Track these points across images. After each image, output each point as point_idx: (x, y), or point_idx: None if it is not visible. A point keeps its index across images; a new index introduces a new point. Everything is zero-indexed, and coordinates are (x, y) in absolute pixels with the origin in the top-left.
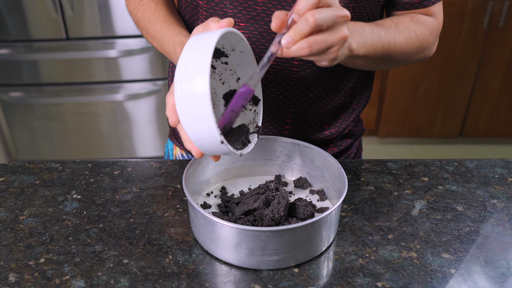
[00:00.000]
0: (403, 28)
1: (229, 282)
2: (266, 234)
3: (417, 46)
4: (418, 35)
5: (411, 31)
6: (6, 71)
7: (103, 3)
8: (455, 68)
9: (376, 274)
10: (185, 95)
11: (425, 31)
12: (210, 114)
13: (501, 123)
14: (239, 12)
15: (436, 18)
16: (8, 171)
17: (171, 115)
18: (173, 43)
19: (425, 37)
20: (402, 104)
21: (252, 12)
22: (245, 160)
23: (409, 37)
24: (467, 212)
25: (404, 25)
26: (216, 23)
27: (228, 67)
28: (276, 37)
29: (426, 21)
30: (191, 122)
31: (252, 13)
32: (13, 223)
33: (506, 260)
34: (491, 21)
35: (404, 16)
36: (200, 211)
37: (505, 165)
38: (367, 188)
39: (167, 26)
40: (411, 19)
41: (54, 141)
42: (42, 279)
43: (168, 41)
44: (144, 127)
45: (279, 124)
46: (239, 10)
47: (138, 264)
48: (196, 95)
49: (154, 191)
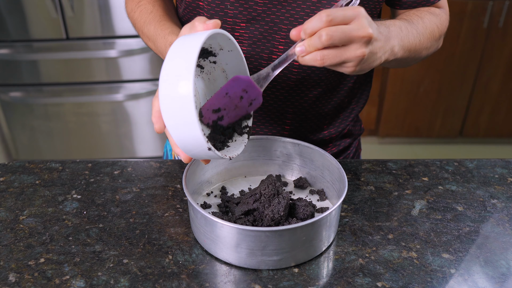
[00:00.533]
0: (428, 22)
1: (229, 282)
2: (266, 234)
3: (437, 39)
4: (439, 27)
5: (433, 24)
6: (6, 71)
7: (103, 3)
8: (455, 68)
9: (376, 274)
10: (169, 99)
11: (442, 22)
12: (195, 121)
13: (501, 123)
14: (239, 13)
15: (444, 9)
16: (8, 171)
17: (156, 121)
18: (165, 42)
19: (442, 28)
20: (402, 104)
21: (253, 13)
22: (245, 160)
23: (432, 31)
24: (467, 212)
25: (428, 18)
26: (202, 24)
27: (217, 66)
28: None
29: (440, 13)
30: (176, 128)
31: (253, 13)
32: (13, 223)
33: (506, 260)
34: (491, 21)
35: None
36: (200, 211)
37: (505, 165)
38: (367, 188)
39: (160, 26)
40: (429, 13)
41: (54, 141)
42: (42, 279)
43: (161, 41)
44: (144, 127)
45: (279, 124)
46: (240, 11)
47: (138, 264)
48: (180, 100)
49: (154, 191)
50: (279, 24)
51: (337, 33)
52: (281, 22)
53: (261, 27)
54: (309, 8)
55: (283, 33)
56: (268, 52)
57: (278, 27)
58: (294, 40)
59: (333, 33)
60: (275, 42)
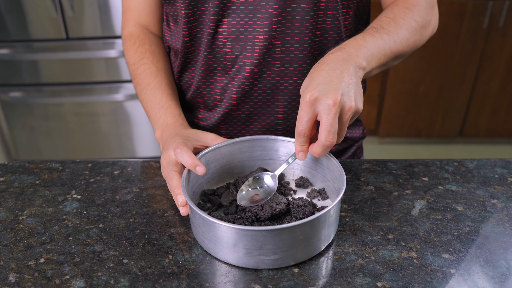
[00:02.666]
0: (401, 19)
1: (229, 282)
2: (263, 233)
3: (420, 31)
4: (417, 20)
5: (410, 19)
6: (6, 71)
7: (103, 3)
8: (455, 68)
9: (376, 274)
10: None
11: (422, 13)
12: None
13: (501, 123)
14: (220, 9)
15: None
16: (8, 171)
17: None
18: (155, 124)
19: (424, 18)
20: (402, 104)
21: (232, 6)
22: (246, 160)
23: (410, 27)
24: (467, 212)
25: (401, 15)
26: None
27: None
28: None
29: (418, 1)
30: None
31: (232, 7)
32: (13, 223)
33: (506, 260)
34: (491, 21)
35: (397, 5)
36: (197, 212)
37: (505, 165)
38: (367, 188)
39: (163, 105)
40: (404, 7)
41: (54, 141)
42: (42, 279)
43: (160, 117)
44: (144, 127)
45: (272, 114)
46: (220, 7)
47: (138, 264)
48: None
49: (154, 191)
50: (257, 14)
51: (330, 134)
52: (259, 11)
53: (241, 19)
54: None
55: (261, 23)
56: (251, 44)
57: (257, 17)
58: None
59: (332, 138)
60: (255, 33)
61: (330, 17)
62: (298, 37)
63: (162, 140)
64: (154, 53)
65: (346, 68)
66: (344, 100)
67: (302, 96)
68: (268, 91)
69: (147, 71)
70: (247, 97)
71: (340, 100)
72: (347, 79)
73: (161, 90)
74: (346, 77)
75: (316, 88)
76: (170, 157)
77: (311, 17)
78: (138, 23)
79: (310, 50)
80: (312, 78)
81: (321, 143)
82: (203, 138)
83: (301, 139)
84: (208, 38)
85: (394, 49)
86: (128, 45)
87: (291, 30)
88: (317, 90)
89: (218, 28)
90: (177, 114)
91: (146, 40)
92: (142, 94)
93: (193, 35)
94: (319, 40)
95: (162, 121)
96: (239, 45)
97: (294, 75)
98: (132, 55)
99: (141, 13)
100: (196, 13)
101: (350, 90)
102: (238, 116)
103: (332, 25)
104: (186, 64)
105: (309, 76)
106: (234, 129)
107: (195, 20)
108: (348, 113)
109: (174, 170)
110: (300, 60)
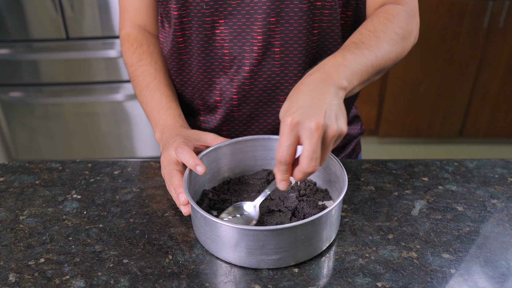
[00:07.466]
0: (382, 32)
1: (229, 282)
2: (264, 233)
3: (401, 43)
4: (398, 32)
5: (390, 32)
6: (6, 71)
7: (103, 3)
8: (455, 68)
9: (376, 274)
10: None
11: (402, 23)
12: None
13: (501, 123)
14: (216, 10)
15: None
16: (8, 171)
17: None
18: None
19: (404, 30)
20: (402, 104)
21: (228, 8)
22: (247, 160)
23: (391, 40)
24: (467, 212)
25: (381, 28)
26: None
27: None
28: None
29: (399, 12)
30: None
31: (228, 8)
32: (13, 223)
33: (506, 260)
34: (491, 21)
35: (377, 16)
36: (199, 211)
37: (505, 165)
38: (367, 188)
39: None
40: (385, 18)
41: (54, 141)
42: (42, 279)
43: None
44: (144, 127)
45: (273, 113)
46: (216, 8)
47: (138, 264)
48: None
49: (154, 191)
50: (254, 15)
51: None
52: (256, 12)
53: (238, 20)
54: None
55: (259, 23)
56: (249, 45)
57: (254, 18)
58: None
59: (314, 165)
60: (253, 33)
61: (327, 16)
62: (296, 37)
63: (162, 141)
64: (152, 54)
65: (327, 89)
66: (327, 123)
67: (282, 121)
68: (269, 91)
69: (146, 73)
70: (248, 98)
71: (323, 124)
72: (329, 101)
73: (160, 91)
74: (328, 99)
75: (297, 111)
76: (171, 156)
77: (308, 16)
78: (135, 24)
79: (308, 49)
80: (293, 101)
81: (303, 170)
82: (204, 138)
83: (283, 167)
84: (205, 40)
85: (376, 64)
86: (126, 47)
87: (290, 30)
88: (299, 113)
89: (215, 29)
90: (177, 115)
91: (144, 41)
92: (141, 96)
93: (187, 36)
94: (316, 39)
95: (162, 122)
96: (237, 46)
97: (294, 75)
98: (130, 57)
99: (138, 14)
100: (189, 15)
101: (333, 112)
102: (239, 117)
103: (329, 24)
104: (180, 66)
105: (288, 99)
106: (236, 130)
107: (189, 21)
108: (331, 136)
109: (175, 169)
110: (299, 60)
